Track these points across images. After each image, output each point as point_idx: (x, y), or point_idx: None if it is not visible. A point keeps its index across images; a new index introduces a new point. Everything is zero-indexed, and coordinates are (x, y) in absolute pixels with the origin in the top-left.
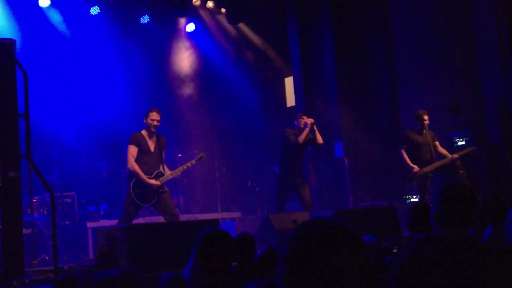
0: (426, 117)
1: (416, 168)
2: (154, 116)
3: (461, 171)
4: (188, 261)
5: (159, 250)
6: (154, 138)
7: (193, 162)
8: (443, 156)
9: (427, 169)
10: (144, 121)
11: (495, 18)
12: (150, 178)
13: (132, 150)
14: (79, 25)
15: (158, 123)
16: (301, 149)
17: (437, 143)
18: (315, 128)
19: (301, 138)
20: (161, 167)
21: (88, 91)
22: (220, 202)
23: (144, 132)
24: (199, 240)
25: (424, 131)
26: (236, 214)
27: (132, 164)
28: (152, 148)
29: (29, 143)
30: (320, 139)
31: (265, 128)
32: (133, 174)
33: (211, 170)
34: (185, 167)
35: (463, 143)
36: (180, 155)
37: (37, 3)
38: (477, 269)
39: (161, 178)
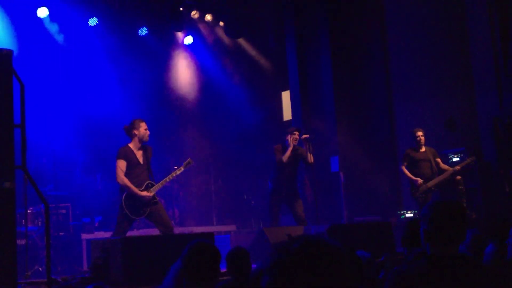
0: (418, 133)
1: (419, 180)
2: (146, 125)
3: (460, 187)
4: (168, 273)
5: (154, 263)
6: (141, 150)
7: (182, 168)
8: (445, 171)
9: (431, 183)
10: (135, 132)
11: (490, 36)
12: (141, 190)
13: (121, 165)
14: (77, 36)
15: (149, 132)
16: (291, 165)
17: (439, 160)
18: (306, 144)
19: (285, 156)
20: (151, 178)
21: (84, 102)
22: (215, 215)
23: (131, 145)
24: (185, 252)
25: (423, 148)
26: (231, 227)
27: (122, 178)
28: (141, 160)
29: (25, 153)
30: (310, 158)
31: (261, 141)
32: (124, 188)
33: (207, 182)
34: (174, 175)
35: (457, 159)
36: (176, 167)
37: (36, 14)
38: (469, 285)
39: (151, 189)
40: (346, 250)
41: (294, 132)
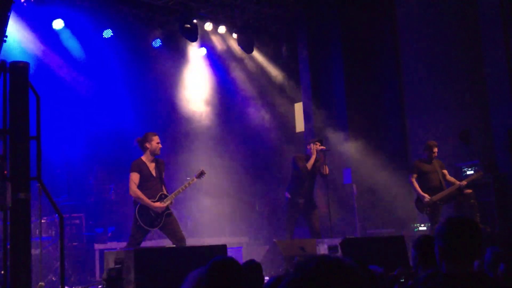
0: (435, 149)
1: (427, 197)
2: (158, 139)
3: (472, 201)
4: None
5: (167, 274)
6: (154, 163)
7: (194, 179)
8: (451, 184)
9: (436, 197)
10: (147, 145)
11: (505, 48)
12: (154, 202)
13: (134, 178)
14: (92, 48)
15: (161, 146)
16: (310, 176)
17: (445, 171)
18: (322, 156)
19: (309, 164)
20: (164, 190)
21: (98, 114)
22: (228, 226)
23: (144, 158)
24: (208, 267)
25: (432, 161)
26: (243, 239)
27: (135, 190)
28: (154, 173)
29: (40, 165)
30: (325, 170)
31: (274, 153)
32: (137, 200)
33: (219, 194)
34: (187, 185)
35: (471, 172)
36: (188, 178)
37: (51, 26)
38: None
39: (165, 200)
40: (360, 268)
41: (316, 142)
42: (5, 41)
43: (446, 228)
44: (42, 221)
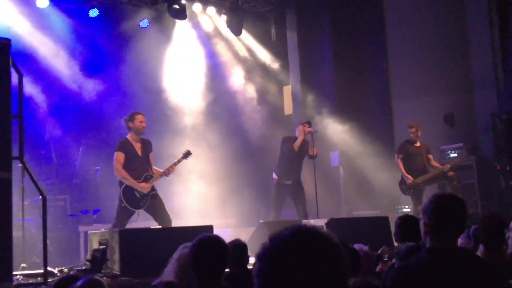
0: (412, 130)
1: (410, 179)
2: (142, 118)
3: (455, 183)
4: (167, 268)
5: (152, 255)
6: (140, 143)
7: (180, 159)
8: (434, 169)
9: (419, 179)
10: (130, 124)
11: (489, 34)
12: (139, 182)
13: (120, 157)
14: (78, 27)
15: (145, 125)
16: (298, 157)
17: (430, 156)
18: (310, 138)
19: (296, 145)
20: (150, 170)
21: (84, 95)
22: (216, 208)
23: (130, 138)
24: (194, 245)
25: (418, 143)
26: (231, 221)
27: (120, 170)
28: (140, 153)
29: (22, 144)
30: (313, 151)
31: (262, 135)
32: (122, 180)
33: (207, 176)
34: (173, 166)
35: (455, 155)
36: (176, 159)
37: (35, 4)
38: (470, 277)
39: (150, 181)
40: (337, 240)
41: (305, 124)
42: None
43: (434, 205)
44: (26, 203)
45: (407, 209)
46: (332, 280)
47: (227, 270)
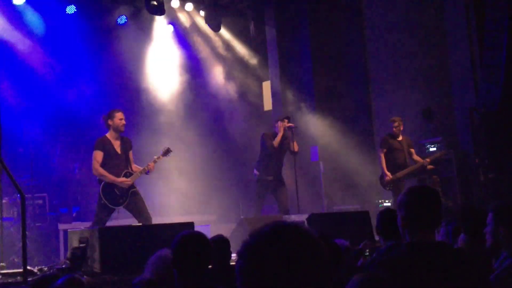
0: (395, 124)
1: (388, 176)
2: (121, 115)
3: (434, 176)
4: (149, 262)
5: (132, 253)
6: (119, 141)
7: (161, 157)
8: (416, 163)
9: (400, 174)
10: (109, 122)
11: (466, 28)
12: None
13: (98, 156)
14: (54, 24)
15: (125, 123)
16: (279, 153)
17: (412, 150)
18: (290, 134)
19: (276, 141)
20: (129, 168)
21: (62, 92)
22: (196, 205)
23: (109, 136)
24: (176, 242)
25: (400, 137)
26: (211, 217)
27: (97, 168)
28: (119, 151)
29: (0, 143)
30: (294, 147)
31: (242, 131)
32: (101, 178)
33: (187, 173)
34: (153, 163)
35: (434, 149)
36: (155, 156)
37: (11, 1)
38: (449, 271)
39: (130, 178)
40: (317, 236)
41: (284, 119)
42: None
43: (408, 197)
44: (3, 201)
45: (387, 204)
46: (313, 276)
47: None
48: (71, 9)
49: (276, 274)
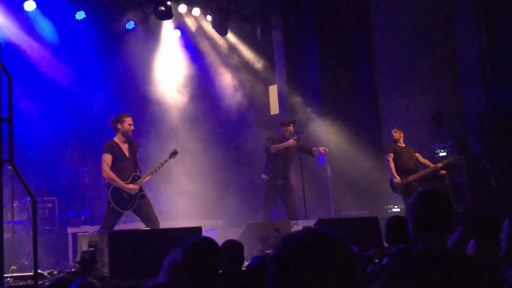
0: (393, 134)
1: (397, 179)
2: (131, 120)
3: (446, 181)
4: (160, 271)
5: (141, 257)
6: (127, 144)
7: (168, 159)
8: (426, 166)
9: (412, 178)
10: (118, 126)
11: (476, 32)
12: (127, 183)
13: (107, 159)
14: (64, 29)
15: (133, 128)
16: (283, 157)
17: (417, 154)
18: (295, 142)
19: (275, 148)
20: (137, 171)
21: (72, 96)
22: (202, 209)
23: (117, 139)
24: (187, 247)
25: (403, 145)
26: (218, 221)
27: (107, 171)
28: (127, 154)
29: (12, 147)
30: (313, 151)
31: (249, 135)
32: (110, 182)
33: (194, 176)
34: (160, 166)
35: (444, 153)
36: (163, 159)
37: (23, 7)
38: (461, 279)
39: (138, 181)
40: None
41: (290, 124)
42: None
43: (417, 201)
44: (14, 205)
45: (396, 209)
46: (346, 284)
47: (221, 270)
48: (80, 15)
49: (311, 281)
